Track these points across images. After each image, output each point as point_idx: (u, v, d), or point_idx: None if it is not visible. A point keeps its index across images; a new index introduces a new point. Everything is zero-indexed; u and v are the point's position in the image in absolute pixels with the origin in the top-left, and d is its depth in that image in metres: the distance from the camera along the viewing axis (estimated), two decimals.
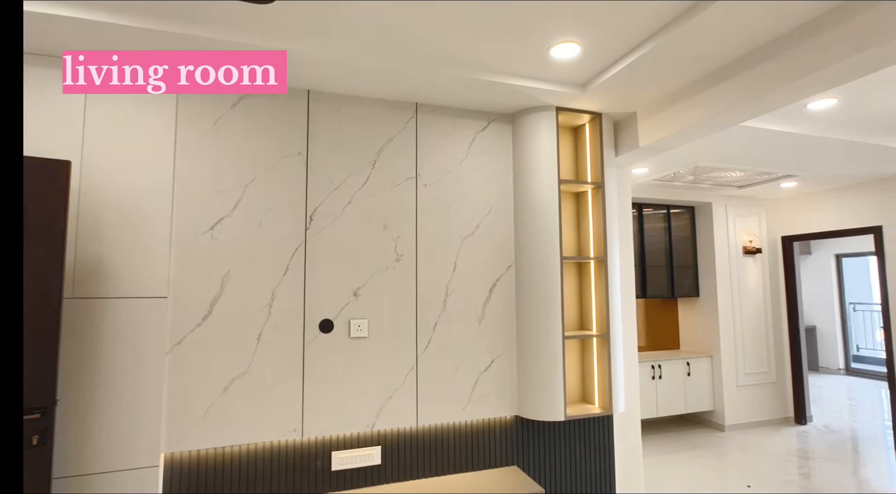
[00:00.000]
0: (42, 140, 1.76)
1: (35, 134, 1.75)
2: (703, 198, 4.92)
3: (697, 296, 5.06)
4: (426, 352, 2.26)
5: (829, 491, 3.52)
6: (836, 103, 2.67)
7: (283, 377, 2.03)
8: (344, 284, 2.16)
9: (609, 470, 2.55)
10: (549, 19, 1.68)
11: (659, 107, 2.31)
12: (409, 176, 2.32)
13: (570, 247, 2.56)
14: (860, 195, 4.58)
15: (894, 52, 1.52)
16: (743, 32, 1.73)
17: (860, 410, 5.66)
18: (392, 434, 2.23)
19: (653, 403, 4.61)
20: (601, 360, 2.43)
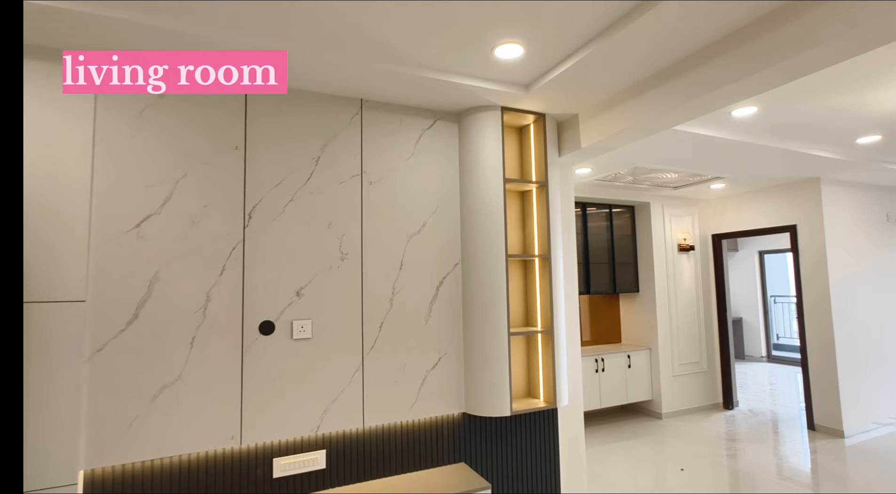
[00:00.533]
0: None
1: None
2: (642, 198, 5.17)
3: (637, 292, 5.32)
4: (372, 352, 2.23)
5: (752, 470, 3.81)
6: (757, 111, 2.89)
7: (219, 383, 1.93)
8: (286, 284, 2.08)
9: (554, 461, 2.62)
10: (492, 19, 1.70)
11: (599, 109, 2.40)
12: (355, 173, 2.27)
13: (516, 245, 2.60)
14: (779, 197, 4.98)
15: (806, 65, 1.65)
16: (674, 41, 1.82)
17: (780, 394, 6.16)
18: (338, 436, 2.18)
19: (596, 395, 4.80)
20: (546, 355, 2.49)
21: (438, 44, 1.86)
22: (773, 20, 1.64)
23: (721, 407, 5.40)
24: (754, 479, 3.66)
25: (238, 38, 1.73)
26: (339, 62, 1.92)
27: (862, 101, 2.78)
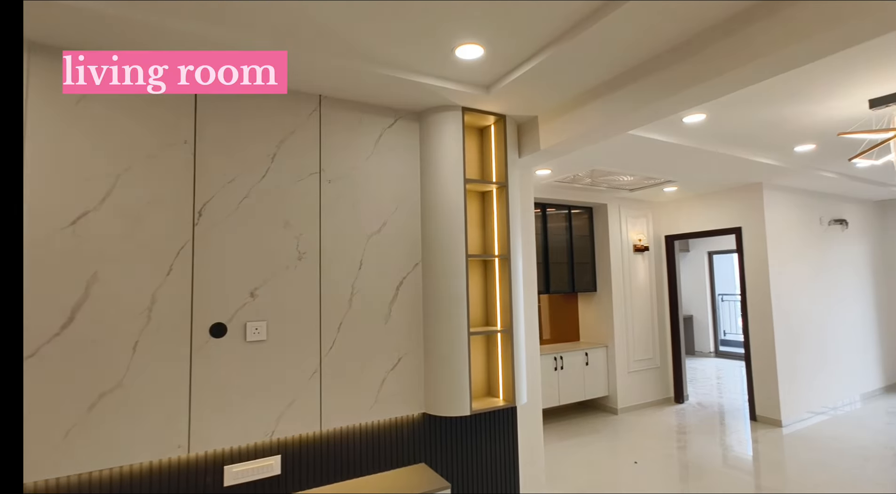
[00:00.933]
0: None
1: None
2: (600, 200, 5.32)
3: (595, 291, 5.47)
4: (331, 353, 2.18)
5: (700, 460, 3.99)
6: (706, 119, 3.03)
7: (165, 389, 1.84)
8: (239, 284, 2.01)
9: (513, 459, 2.65)
10: (451, 20, 1.70)
11: (558, 112, 2.45)
12: (313, 171, 2.22)
13: (476, 245, 2.62)
14: (726, 200, 5.25)
15: (748, 76, 1.74)
16: (629, 49, 1.88)
17: (726, 387, 6.50)
18: (294, 440, 2.12)
19: (555, 392, 4.91)
20: (505, 354, 2.52)
21: (399, 42, 1.84)
22: (721, 32, 1.71)
23: (672, 401, 5.63)
24: (702, 468, 3.84)
25: (185, 26, 1.65)
26: (295, 56, 1.87)
27: (798, 112, 2.96)
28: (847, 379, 5.52)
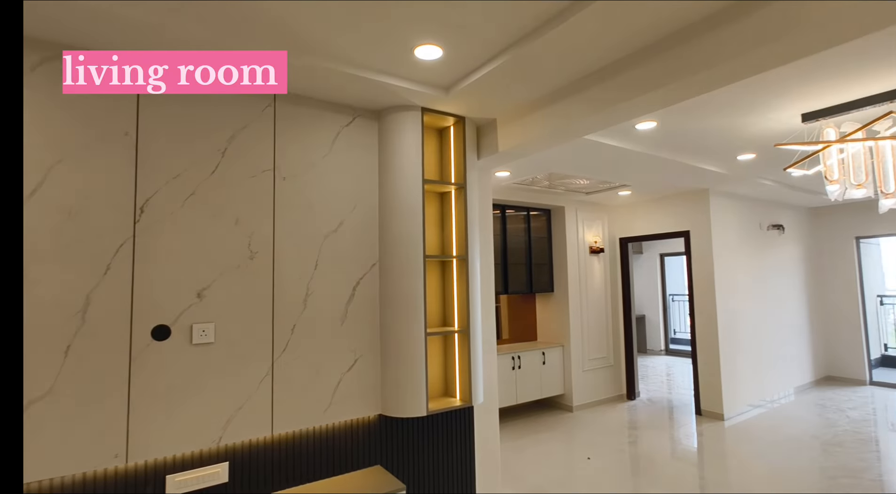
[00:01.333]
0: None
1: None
2: (557, 202, 5.45)
3: (552, 291, 5.59)
4: (284, 355, 2.13)
5: (650, 454, 4.16)
6: (657, 126, 3.15)
7: (101, 395, 1.73)
8: (185, 284, 1.92)
9: (469, 458, 2.67)
10: (410, 19, 1.69)
11: (516, 115, 2.48)
12: (266, 168, 2.15)
13: (434, 246, 2.62)
14: (676, 205, 5.49)
15: (695, 86, 1.82)
16: (584, 56, 1.93)
17: (675, 384, 6.80)
18: (243, 446, 2.05)
19: (513, 391, 4.98)
20: (462, 354, 2.53)
21: (357, 40, 1.81)
22: (671, 42, 1.78)
23: (625, 398, 5.84)
24: (651, 462, 4.00)
25: (134, 14, 1.56)
26: (238, 44, 1.80)
27: (740, 123, 3.14)
28: (782, 374, 5.90)
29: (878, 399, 5.72)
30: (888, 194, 2.83)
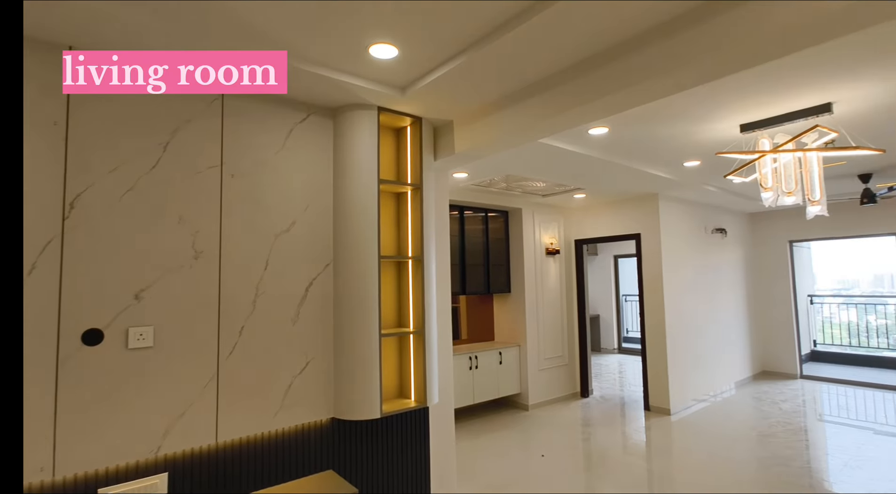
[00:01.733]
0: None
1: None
2: (515, 204, 5.54)
3: (509, 292, 5.68)
4: (230, 359, 2.04)
5: (602, 449, 4.29)
6: (608, 132, 3.26)
7: (24, 405, 1.60)
8: (121, 285, 1.81)
9: (424, 459, 2.66)
10: (362, 16, 1.67)
11: (473, 117, 2.50)
12: (213, 164, 2.07)
13: (389, 246, 2.60)
14: (628, 208, 5.70)
15: (643, 94, 1.89)
16: (537, 61, 1.96)
17: (626, 381, 7.05)
18: (184, 456, 1.95)
19: (470, 391, 5.01)
20: (417, 355, 2.52)
21: (310, 35, 1.77)
22: (623, 50, 1.83)
23: (579, 396, 6.00)
24: (603, 456, 4.13)
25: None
26: (197, 41, 1.72)
27: (685, 131, 3.30)
28: (724, 370, 6.24)
29: (807, 392, 6.16)
30: (814, 201, 3.05)
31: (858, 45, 2.09)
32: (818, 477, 3.63)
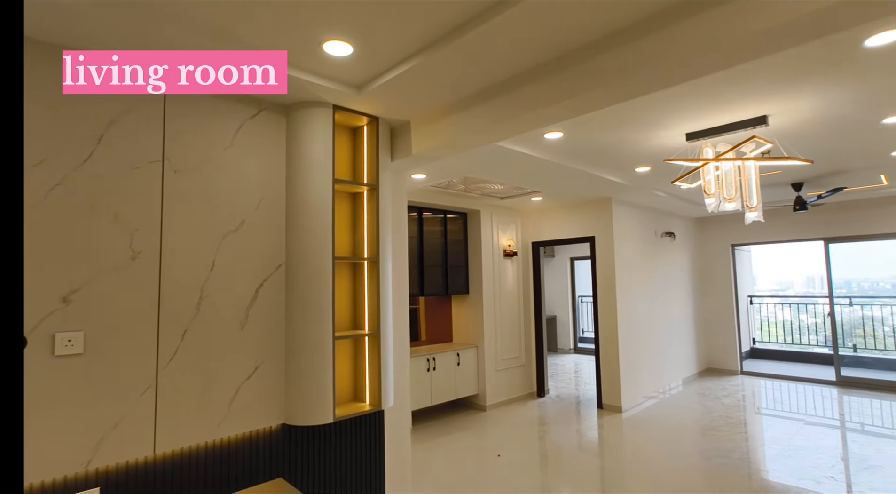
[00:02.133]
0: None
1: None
2: (473, 206, 5.57)
3: (468, 293, 5.71)
4: (171, 365, 1.94)
5: (557, 447, 4.38)
6: (563, 136, 3.34)
7: None
8: (46, 288, 1.68)
9: (379, 463, 2.62)
10: (314, 11, 1.62)
11: (430, 119, 2.49)
12: (154, 159, 1.95)
13: (344, 247, 2.54)
14: (583, 212, 5.86)
15: (596, 100, 1.94)
16: (493, 65, 1.98)
17: (581, 380, 7.24)
18: (118, 469, 1.83)
19: (427, 393, 5.00)
20: (372, 358, 2.48)
21: (259, 26, 1.71)
22: (580, 56, 1.87)
23: (535, 395, 6.11)
24: (558, 454, 4.21)
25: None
26: (140, 31, 1.63)
27: (636, 138, 3.42)
28: (672, 367, 6.53)
29: (747, 387, 6.53)
30: (752, 207, 3.24)
31: (793, 60, 2.24)
32: (755, 467, 3.85)
